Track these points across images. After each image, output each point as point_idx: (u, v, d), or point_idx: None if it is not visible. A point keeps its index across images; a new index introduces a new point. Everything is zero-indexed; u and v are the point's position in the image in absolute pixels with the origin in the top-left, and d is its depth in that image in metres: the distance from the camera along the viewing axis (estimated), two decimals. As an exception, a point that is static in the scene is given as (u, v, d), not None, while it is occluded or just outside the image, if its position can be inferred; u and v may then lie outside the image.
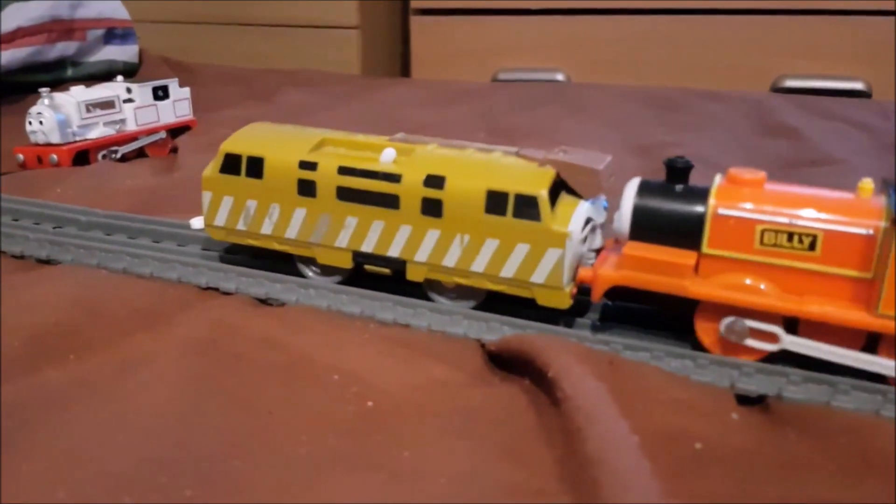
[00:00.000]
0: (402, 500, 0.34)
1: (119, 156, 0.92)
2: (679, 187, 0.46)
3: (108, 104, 0.91)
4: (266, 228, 0.54)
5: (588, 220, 0.48)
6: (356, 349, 0.47)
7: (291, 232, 0.53)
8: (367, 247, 0.51)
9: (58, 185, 0.76)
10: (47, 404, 0.40)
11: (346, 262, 0.53)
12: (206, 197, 0.55)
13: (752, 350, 0.44)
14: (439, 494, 0.34)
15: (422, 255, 0.50)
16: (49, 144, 0.87)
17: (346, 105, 1.25)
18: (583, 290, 0.48)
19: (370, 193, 0.50)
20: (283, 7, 1.80)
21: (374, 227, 0.51)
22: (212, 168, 0.55)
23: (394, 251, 0.51)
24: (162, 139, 0.97)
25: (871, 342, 0.43)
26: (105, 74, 1.32)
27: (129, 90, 0.94)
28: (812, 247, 0.42)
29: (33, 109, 0.86)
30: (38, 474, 0.35)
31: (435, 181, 0.48)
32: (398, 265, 0.51)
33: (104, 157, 0.91)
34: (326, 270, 0.55)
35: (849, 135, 1.05)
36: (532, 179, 0.47)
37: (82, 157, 0.88)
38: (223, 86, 1.41)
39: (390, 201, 0.50)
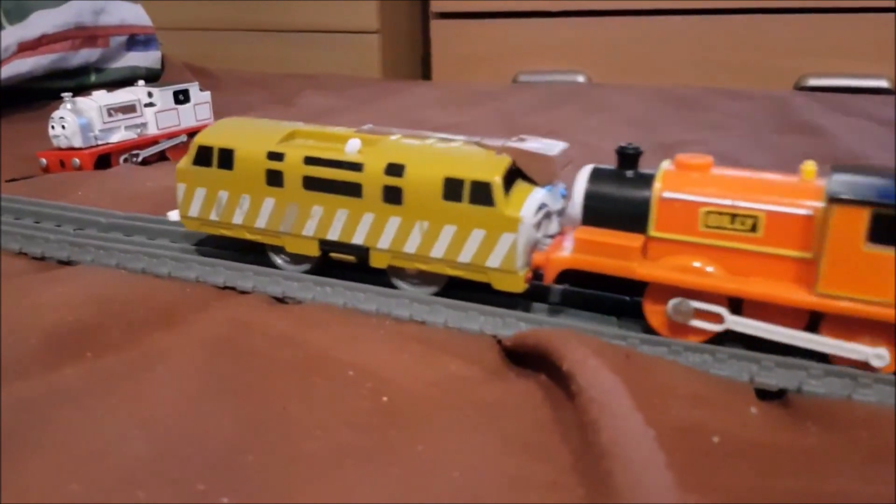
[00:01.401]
0: (417, 494, 0.33)
1: (140, 159, 0.93)
2: (629, 173, 0.47)
3: (129, 108, 0.92)
4: (237, 218, 0.55)
5: (542, 206, 0.48)
6: (372, 345, 0.47)
7: (261, 221, 0.54)
8: (333, 235, 0.53)
9: (79, 188, 0.77)
10: (64, 400, 0.40)
11: (313, 251, 0.54)
12: (181, 189, 0.57)
13: (697, 331, 0.45)
14: (453, 488, 0.34)
15: (384, 242, 0.51)
16: (71, 148, 0.88)
17: (367, 108, 1.25)
18: (539, 276, 0.49)
19: (334, 182, 0.51)
20: (305, 13, 1.82)
21: (339, 215, 0.52)
22: (185, 161, 0.57)
23: (358, 239, 0.52)
24: (182, 143, 0.98)
25: (814, 321, 0.43)
26: (127, 80, 1.33)
27: (150, 94, 0.95)
28: (754, 228, 0.43)
29: (56, 114, 0.88)
30: (54, 468, 0.35)
31: (395, 169, 0.50)
32: (362, 252, 0.52)
33: (125, 160, 0.91)
34: (295, 259, 0.56)
35: (873, 132, 1.03)
36: (487, 167, 0.48)
37: (104, 160, 0.89)
38: (245, 90, 1.42)
39: (353, 190, 0.51)
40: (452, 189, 0.48)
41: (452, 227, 0.49)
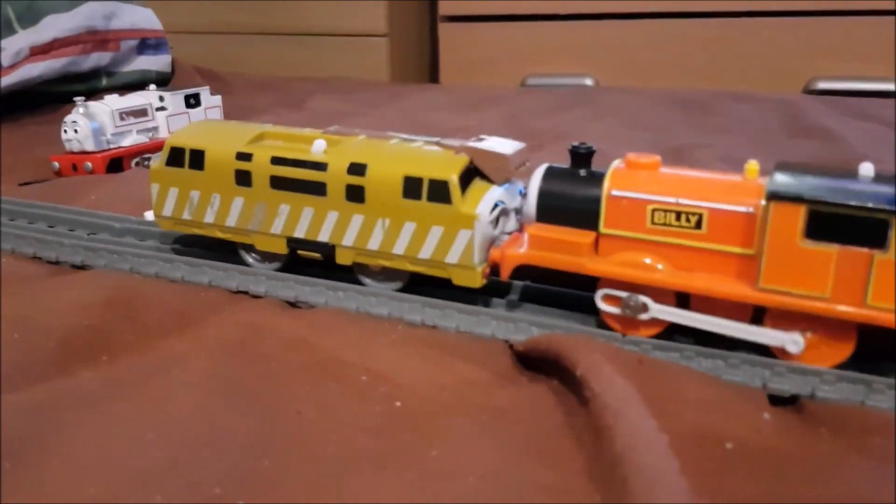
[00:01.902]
0: (430, 500, 0.34)
1: (151, 163, 0.93)
2: (582, 172, 0.48)
3: (141, 112, 0.93)
4: (209, 217, 0.57)
5: (498, 204, 0.50)
6: (384, 350, 0.47)
7: (231, 220, 0.56)
8: (300, 232, 0.54)
9: (92, 192, 0.78)
10: (80, 404, 0.41)
11: (281, 248, 0.55)
12: (154, 189, 0.58)
13: (648, 325, 0.46)
14: (467, 494, 0.34)
15: (348, 239, 0.53)
16: (84, 152, 0.88)
17: (376, 111, 1.26)
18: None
19: (300, 182, 0.53)
20: (314, 16, 1.82)
21: (305, 213, 0.53)
22: (159, 162, 0.58)
23: (323, 236, 0.53)
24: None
25: (759, 315, 0.44)
26: (138, 84, 1.34)
27: (161, 98, 0.95)
28: (699, 225, 0.44)
29: (68, 118, 0.88)
30: (71, 472, 0.35)
31: (357, 168, 0.51)
32: (328, 250, 0.54)
33: (137, 164, 0.92)
34: (265, 257, 0.57)
35: (883, 135, 1.03)
36: (445, 165, 0.49)
37: (116, 164, 0.90)
38: (255, 94, 1.43)
39: (318, 189, 0.52)
40: (412, 187, 0.50)
41: (412, 225, 0.50)
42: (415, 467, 0.36)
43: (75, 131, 0.88)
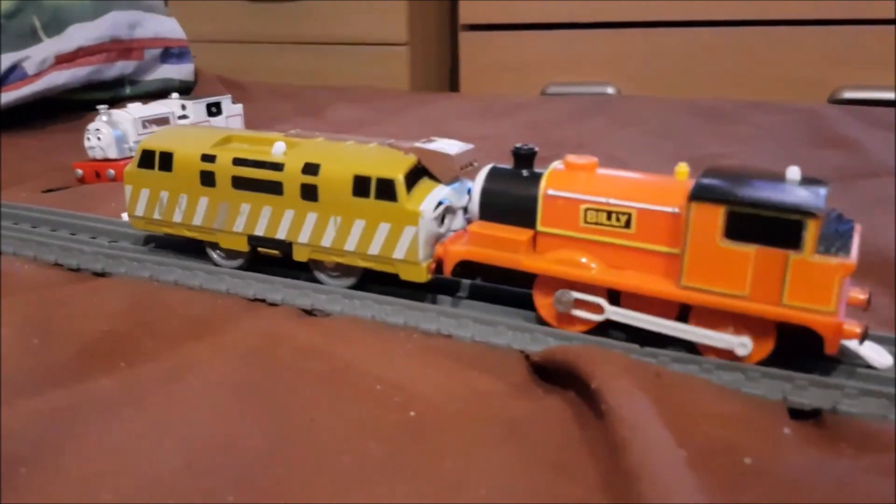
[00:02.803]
0: (443, 511, 0.33)
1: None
2: (525, 172, 0.50)
3: (163, 120, 0.93)
4: (177, 217, 0.59)
5: (442, 202, 0.52)
6: (399, 359, 0.47)
7: (197, 219, 0.58)
8: (259, 230, 0.56)
9: (114, 200, 0.78)
10: (97, 410, 0.41)
11: (243, 246, 0.57)
12: (128, 190, 0.61)
13: (582, 321, 0.48)
14: (480, 505, 0.34)
15: (304, 236, 0.55)
16: (106, 159, 0.89)
17: (396, 119, 1.26)
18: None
19: (259, 181, 0.55)
20: (334, 25, 1.83)
21: (264, 212, 0.56)
22: (132, 164, 0.60)
23: (281, 234, 0.56)
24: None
25: (684, 313, 0.46)
26: (162, 92, 1.35)
27: (183, 107, 0.96)
28: (628, 224, 0.46)
29: (91, 126, 0.89)
30: (86, 478, 0.35)
31: (311, 168, 0.53)
32: (286, 247, 0.56)
33: (159, 171, 0.93)
34: (230, 254, 0.59)
35: (910, 145, 1.01)
36: (392, 165, 0.52)
37: (138, 171, 0.90)
38: (275, 102, 1.44)
39: (275, 188, 0.55)
40: (361, 186, 0.52)
41: (362, 222, 0.52)
42: (428, 478, 0.36)
43: (98, 139, 0.89)
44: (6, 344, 0.48)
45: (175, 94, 1.00)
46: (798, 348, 0.44)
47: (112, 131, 0.89)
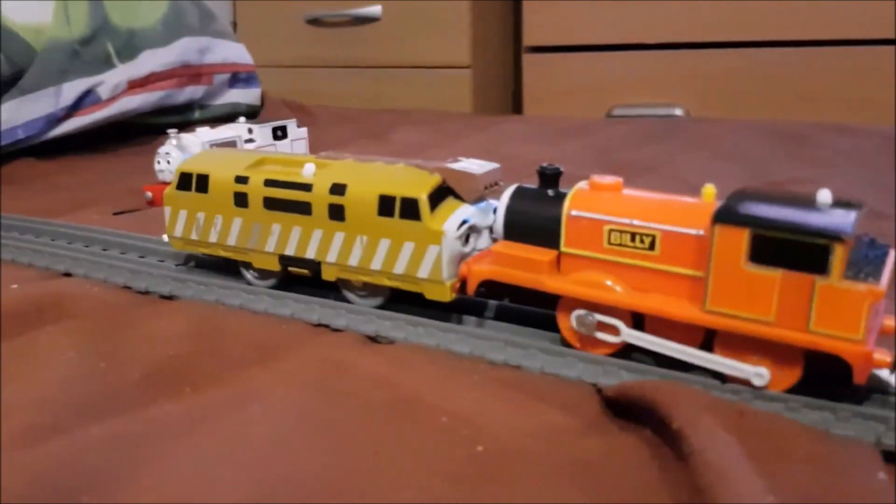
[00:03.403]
0: (514, 555, 0.32)
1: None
2: (550, 192, 0.50)
3: (230, 144, 0.94)
4: (213, 237, 0.60)
5: (466, 221, 0.52)
6: (466, 391, 0.45)
7: (232, 239, 0.59)
8: (290, 250, 0.57)
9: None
10: (161, 437, 0.40)
11: (274, 265, 0.58)
12: (167, 212, 0.62)
13: (605, 344, 0.47)
14: (553, 551, 0.32)
15: (332, 255, 0.55)
16: (175, 183, 0.90)
17: (458, 143, 1.25)
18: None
19: (289, 202, 0.56)
20: (397, 49, 1.85)
21: (294, 232, 0.57)
22: (171, 187, 0.62)
23: (310, 253, 0.56)
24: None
25: (709, 338, 0.45)
26: (229, 116, 1.38)
27: (250, 131, 0.97)
28: (652, 246, 0.45)
29: (161, 149, 0.90)
30: (150, 508, 0.35)
31: (338, 189, 0.54)
32: (315, 266, 0.56)
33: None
34: (262, 274, 0.60)
35: None
36: (417, 185, 0.52)
37: (205, 194, 0.91)
38: (339, 126, 1.45)
39: (304, 208, 0.55)
40: (386, 205, 0.53)
41: (387, 241, 0.53)
42: (498, 519, 0.34)
43: (168, 162, 0.90)
44: (73, 367, 0.48)
45: (242, 119, 1.01)
46: (826, 377, 0.42)
47: (181, 155, 0.90)
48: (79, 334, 0.53)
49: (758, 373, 0.42)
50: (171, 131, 0.92)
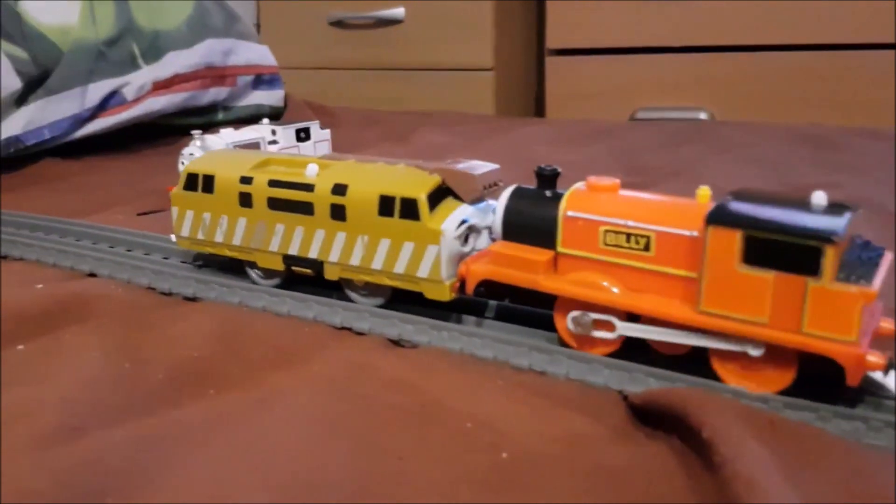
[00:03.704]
0: (540, 565, 0.31)
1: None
2: (548, 193, 0.50)
3: (253, 146, 0.94)
4: (218, 237, 0.61)
5: (465, 221, 0.52)
6: (490, 396, 0.45)
7: (237, 239, 0.60)
8: (293, 250, 0.58)
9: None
10: (185, 439, 0.40)
11: (278, 265, 0.59)
12: (174, 212, 0.63)
13: (601, 343, 0.48)
14: (580, 561, 0.31)
15: (334, 255, 0.56)
16: (199, 184, 0.90)
17: (481, 145, 1.25)
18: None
19: (292, 202, 0.57)
20: (420, 51, 1.85)
21: (297, 231, 0.57)
22: (178, 187, 0.63)
23: (313, 253, 0.57)
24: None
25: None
26: (253, 118, 1.38)
27: (273, 132, 0.97)
28: (647, 247, 0.46)
29: (185, 150, 0.91)
30: (173, 511, 0.35)
31: (340, 189, 0.55)
32: (317, 266, 0.57)
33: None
34: (267, 273, 0.61)
35: None
36: (416, 185, 0.53)
37: (228, 196, 0.91)
38: (361, 128, 1.45)
39: (307, 208, 0.56)
40: (386, 205, 0.53)
41: (387, 241, 0.53)
42: (523, 528, 0.34)
43: (192, 163, 0.90)
44: (98, 368, 0.48)
45: (266, 120, 1.01)
46: (821, 379, 0.42)
47: (205, 156, 0.90)
48: (103, 334, 0.53)
49: (754, 344, 0.42)
50: (195, 132, 0.92)
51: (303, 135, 1.00)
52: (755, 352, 0.42)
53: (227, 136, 0.92)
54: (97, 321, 0.56)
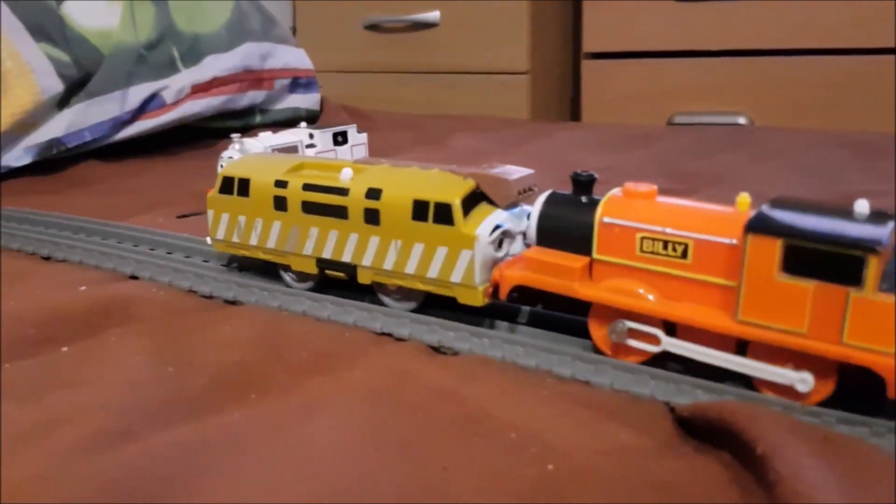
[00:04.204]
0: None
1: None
2: (584, 199, 0.50)
3: (291, 149, 0.94)
4: (253, 240, 0.61)
5: (499, 226, 0.52)
6: (534, 406, 0.44)
7: (271, 242, 0.60)
8: (327, 253, 0.58)
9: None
10: (228, 444, 0.40)
11: (312, 268, 0.59)
12: (210, 215, 0.64)
13: (636, 351, 0.47)
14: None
15: (367, 259, 0.56)
16: (237, 187, 0.91)
17: (517, 149, 1.24)
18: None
19: (326, 206, 0.57)
20: (455, 55, 1.84)
21: (331, 235, 0.57)
22: (214, 190, 0.64)
23: (346, 257, 0.57)
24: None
25: (742, 347, 0.44)
26: (289, 121, 1.39)
27: (311, 136, 0.97)
28: (685, 255, 0.45)
29: (224, 153, 0.91)
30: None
31: (374, 193, 0.55)
32: (351, 270, 0.57)
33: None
34: (300, 276, 0.61)
35: None
36: (450, 190, 0.53)
37: (267, 199, 0.92)
38: (397, 131, 1.45)
39: (341, 212, 0.56)
40: (420, 210, 0.53)
41: (421, 245, 0.53)
42: (571, 543, 0.33)
43: (231, 166, 0.90)
44: (142, 371, 0.48)
45: (303, 124, 1.01)
46: (861, 392, 0.41)
47: (244, 159, 0.90)
48: (146, 337, 0.53)
49: (801, 378, 0.42)
50: (235, 136, 0.92)
51: (340, 138, 1.00)
52: (804, 388, 0.41)
53: (265, 140, 0.92)
54: (140, 324, 0.56)
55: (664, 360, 0.47)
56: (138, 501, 0.35)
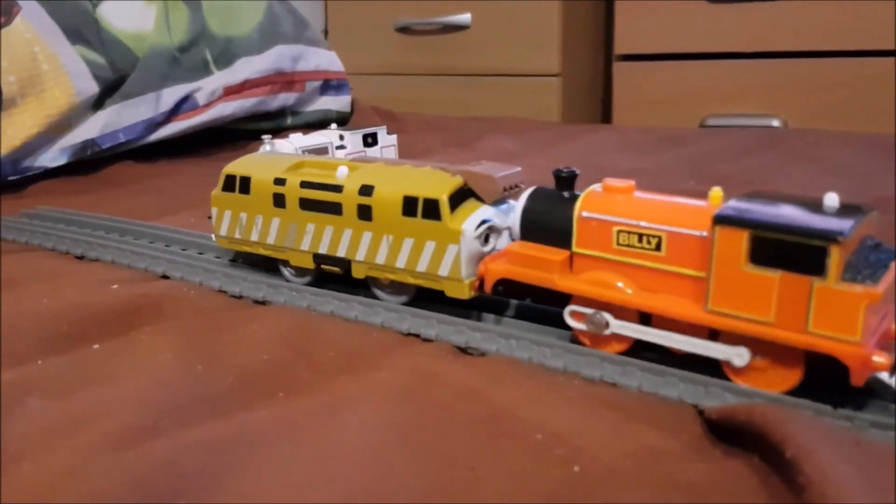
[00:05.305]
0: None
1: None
2: (565, 194, 0.51)
3: (322, 151, 0.95)
4: (254, 236, 0.63)
5: (485, 222, 0.53)
6: (561, 407, 0.44)
7: (271, 238, 0.62)
8: (323, 249, 0.60)
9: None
10: (256, 443, 0.41)
11: (309, 263, 0.61)
12: (214, 212, 0.66)
13: (615, 341, 0.49)
14: (657, 582, 0.30)
15: (361, 254, 0.58)
16: (268, 188, 0.91)
17: (547, 152, 1.24)
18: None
19: (322, 202, 0.59)
20: (486, 57, 1.84)
21: (327, 231, 0.59)
22: (217, 188, 0.65)
23: (341, 252, 0.59)
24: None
25: (714, 336, 0.45)
26: (320, 123, 1.40)
27: (341, 137, 0.97)
28: (658, 247, 0.47)
29: (256, 155, 0.92)
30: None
31: (366, 190, 0.57)
32: (345, 264, 0.59)
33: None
34: (299, 272, 0.63)
35: None
36: (438, 186, 0.54)
37: (297, 200, 0.92)
38: (427, 133, 1.45)
39: (336, 209, 0.58)
40: (409, 206, 0.55)
41: (411, 240, 0.55)
42: (597, 545, 0.33)
43: (261, 168, 0.91)
44: (171, 369, 0.49)
45: (334, 125, 1.02)
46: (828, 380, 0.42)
47: (274, 160, 0.91)
48: (176, 336, 0.54)
49: (738, 353, 0.44)
50: (266, 137, 0.93)
51: (370, 140, 1.00)
52: (740, 361, 0.44)
53: (296, 141, 0.93)
54: (170, 323, 0.57)
55: (642, 352, 0.48)
56: (166, 498, 0.36)
